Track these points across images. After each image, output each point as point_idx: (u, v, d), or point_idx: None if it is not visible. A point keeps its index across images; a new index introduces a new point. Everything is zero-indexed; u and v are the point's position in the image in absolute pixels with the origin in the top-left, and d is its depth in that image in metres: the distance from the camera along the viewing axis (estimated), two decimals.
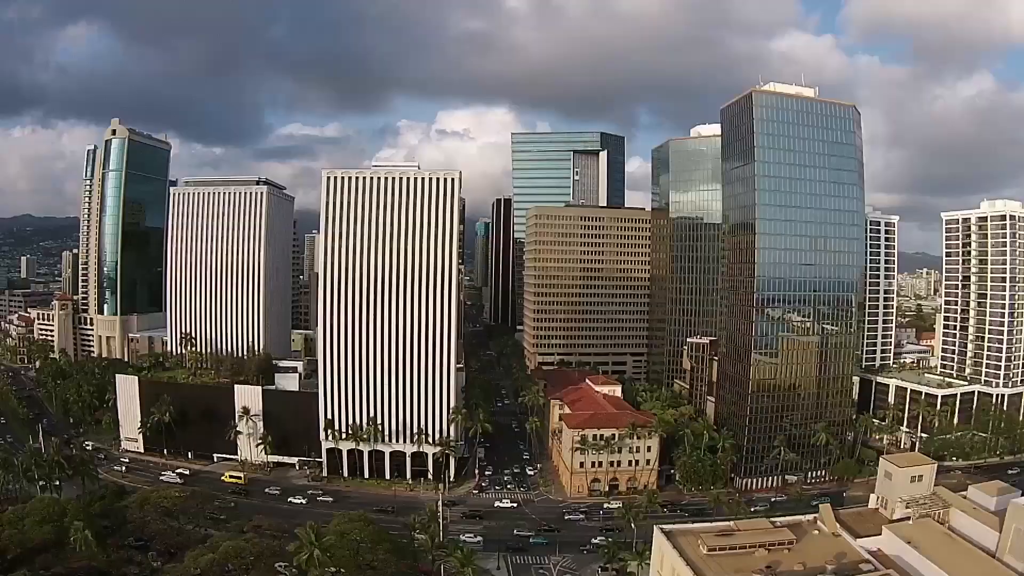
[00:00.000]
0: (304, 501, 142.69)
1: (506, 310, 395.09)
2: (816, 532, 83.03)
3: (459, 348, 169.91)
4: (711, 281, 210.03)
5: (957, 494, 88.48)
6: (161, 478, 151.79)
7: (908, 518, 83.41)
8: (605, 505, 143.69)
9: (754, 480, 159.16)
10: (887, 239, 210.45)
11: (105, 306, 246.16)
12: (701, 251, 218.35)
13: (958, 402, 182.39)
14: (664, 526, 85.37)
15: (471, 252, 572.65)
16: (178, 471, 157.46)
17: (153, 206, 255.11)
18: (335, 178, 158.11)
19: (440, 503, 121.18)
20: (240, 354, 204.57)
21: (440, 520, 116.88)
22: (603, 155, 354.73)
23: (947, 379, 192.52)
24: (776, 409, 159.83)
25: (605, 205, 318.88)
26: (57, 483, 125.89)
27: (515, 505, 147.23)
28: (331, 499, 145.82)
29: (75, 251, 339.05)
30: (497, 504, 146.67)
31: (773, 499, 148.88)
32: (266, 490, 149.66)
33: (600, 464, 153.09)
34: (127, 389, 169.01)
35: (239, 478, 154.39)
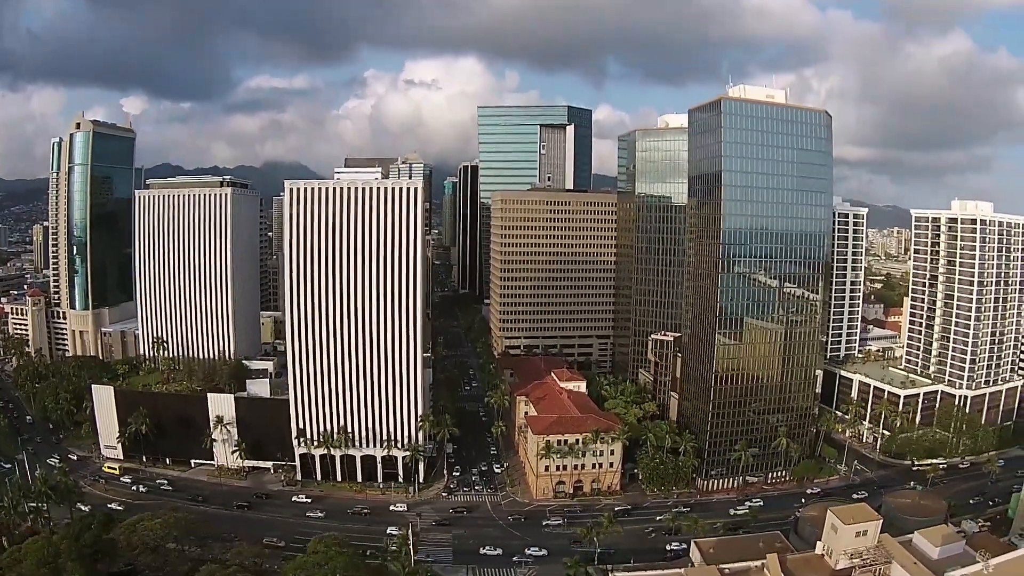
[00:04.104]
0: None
1: (474, 277, 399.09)
2: None
3: (426, 334, 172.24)
4: (676, 273, 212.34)
5: (902, 539, 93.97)
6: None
7: (851, 570, 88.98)
8: None
9: (716, 481, 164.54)
10: (855, 232, 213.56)
11: (77, 300, 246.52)
12: (666, 243, 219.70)
13: (920, 401, 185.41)
14: (619, 574, 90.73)
15: (439, 204, 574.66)
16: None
17: (120, 186, 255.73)
18: (299, 189, 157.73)
19: (410, 531, 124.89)
20: (211, 355, 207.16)
21: (411, 545, 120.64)
22: (570, 129, 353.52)
23: (911, 376, 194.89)
24: (739, 405, 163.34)
25: (571, 188, 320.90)
26: (45, 507, 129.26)
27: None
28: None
29: (45, 223, 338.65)
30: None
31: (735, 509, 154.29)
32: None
33: (565, 467, 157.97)
34: (103, 399, 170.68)
35: (114, 469, 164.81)
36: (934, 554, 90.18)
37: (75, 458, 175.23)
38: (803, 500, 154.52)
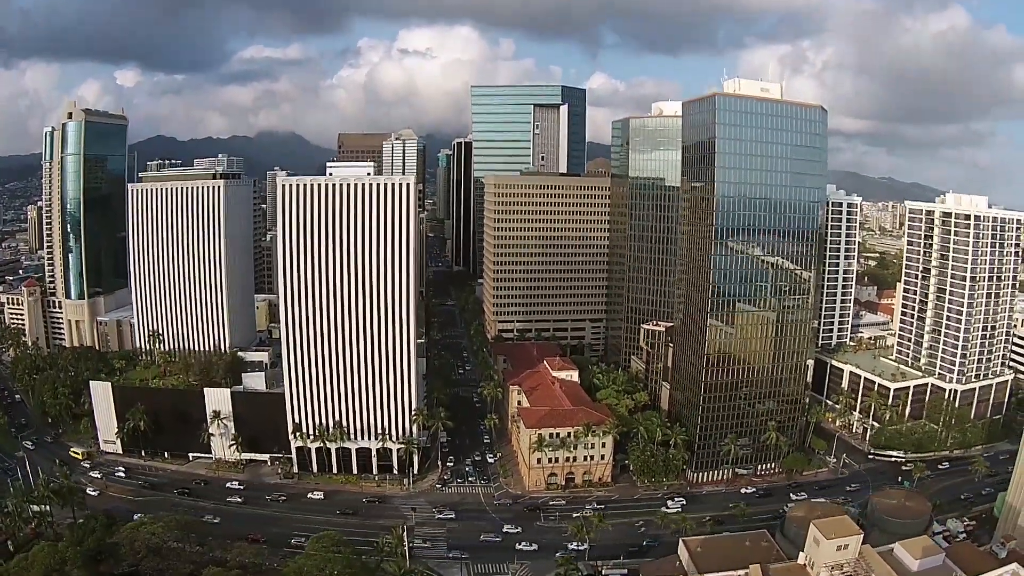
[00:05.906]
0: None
1: (468, 254, 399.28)
2: None
3: (419, 319, 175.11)
4: (670, 262, 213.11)
5: (883, 550, 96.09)
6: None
7: None
8: None
9: (706, 473, 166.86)
10: (848, 220, 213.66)
11: (72, 286, 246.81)
12: (659, 230, 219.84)
13: (910, 394, 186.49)
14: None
15: (433, 173, 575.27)
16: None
17: (114, 169, 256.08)
18: (291, 186, 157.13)
19: (404, 530, 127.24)
20: (207, 346, 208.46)
21: (406, 545, 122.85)
22: (563, 109, 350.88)
23: (901, 368, 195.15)
24: (730, 395, 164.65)
25: (566, 171, 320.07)
26: (48, 508, 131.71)
27: None
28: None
29: (40, 203, 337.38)
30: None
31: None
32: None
33: (557, 460, 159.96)
34: (101, 395, 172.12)
35: (79, 454, 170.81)
36: (914, 566, 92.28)
37: (49, 439, 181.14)
38: (737, 501, 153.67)
